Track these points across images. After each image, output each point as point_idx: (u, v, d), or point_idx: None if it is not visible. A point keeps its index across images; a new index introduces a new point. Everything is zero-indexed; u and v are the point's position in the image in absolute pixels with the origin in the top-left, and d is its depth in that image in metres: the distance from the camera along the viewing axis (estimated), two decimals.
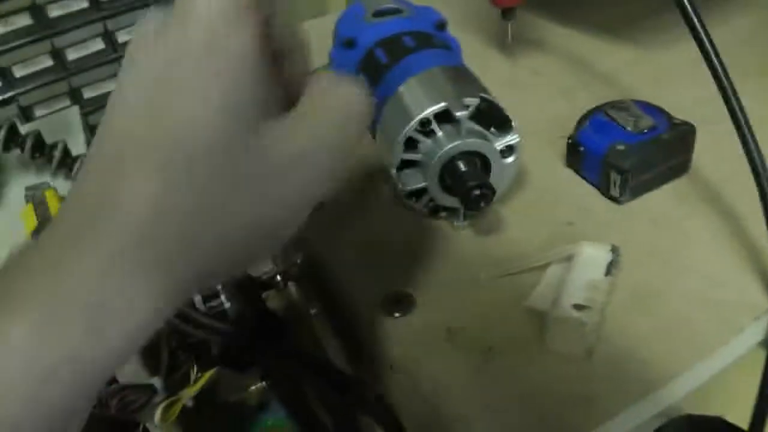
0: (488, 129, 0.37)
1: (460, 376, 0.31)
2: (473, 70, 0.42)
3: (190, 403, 0.55)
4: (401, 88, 0.38)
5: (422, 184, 0.38)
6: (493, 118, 0.37)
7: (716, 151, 0.42)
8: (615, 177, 0.39)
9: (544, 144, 0.45)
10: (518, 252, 0.37)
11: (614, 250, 0.35)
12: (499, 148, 0.37)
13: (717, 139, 0.43)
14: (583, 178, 0.43)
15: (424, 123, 0.36)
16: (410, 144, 0.37)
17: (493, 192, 0.36)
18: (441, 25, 0.46)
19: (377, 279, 0.37)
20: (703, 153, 0.42)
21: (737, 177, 0.35)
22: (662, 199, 0.41)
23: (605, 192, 0.41)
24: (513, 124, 0.37)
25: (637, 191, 0.40)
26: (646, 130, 0.40)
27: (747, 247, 0.36)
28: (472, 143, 0.36)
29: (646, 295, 0.34)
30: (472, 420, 0.29)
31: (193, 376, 0.54)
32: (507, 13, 0.54)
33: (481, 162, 0.37)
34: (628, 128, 0.41)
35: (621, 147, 0.40)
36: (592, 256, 0.34)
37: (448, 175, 0.37)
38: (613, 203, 0.40)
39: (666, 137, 0.40)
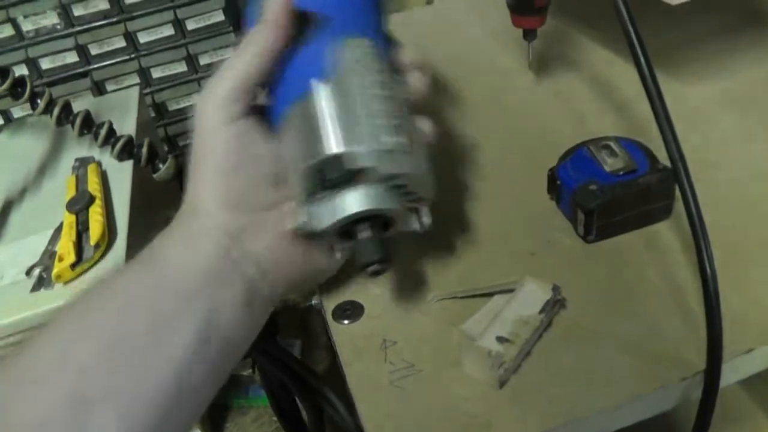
0: None
1: (378, 384, 0.33)
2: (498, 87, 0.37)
3: None
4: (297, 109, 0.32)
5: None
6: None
7: (707, 200, 0.41)
8: (581, 216, 0.40)
9: (540, 171, 0.45)
10: (473, 277, 0.39)
11: (555, 289, 0.36)
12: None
13: (712, 186, 0.42)
14: (561, 211, 0.43)
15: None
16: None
17: (390, 261, 0.32)
18: None
19: (340, 288, 0.40)
20: None
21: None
22: (632, 242, 0.41)
23: (576, 228, 0.41)
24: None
25: (607, 232, 0.41)
26: (622, 173, 0.40)
27: (702, 307, 0.35)
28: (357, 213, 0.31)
29: (579, 335, 0.35)
30: (373, 426, 0.31)
31: None
32: (527, 34, 0.55)
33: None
34: (606, 168, 0.41)
35: (593, 187, 0.40)
36: (532, 293, 0.36)
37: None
38: (582, 241, 0.41)
39: (642, 182, 0.40)
